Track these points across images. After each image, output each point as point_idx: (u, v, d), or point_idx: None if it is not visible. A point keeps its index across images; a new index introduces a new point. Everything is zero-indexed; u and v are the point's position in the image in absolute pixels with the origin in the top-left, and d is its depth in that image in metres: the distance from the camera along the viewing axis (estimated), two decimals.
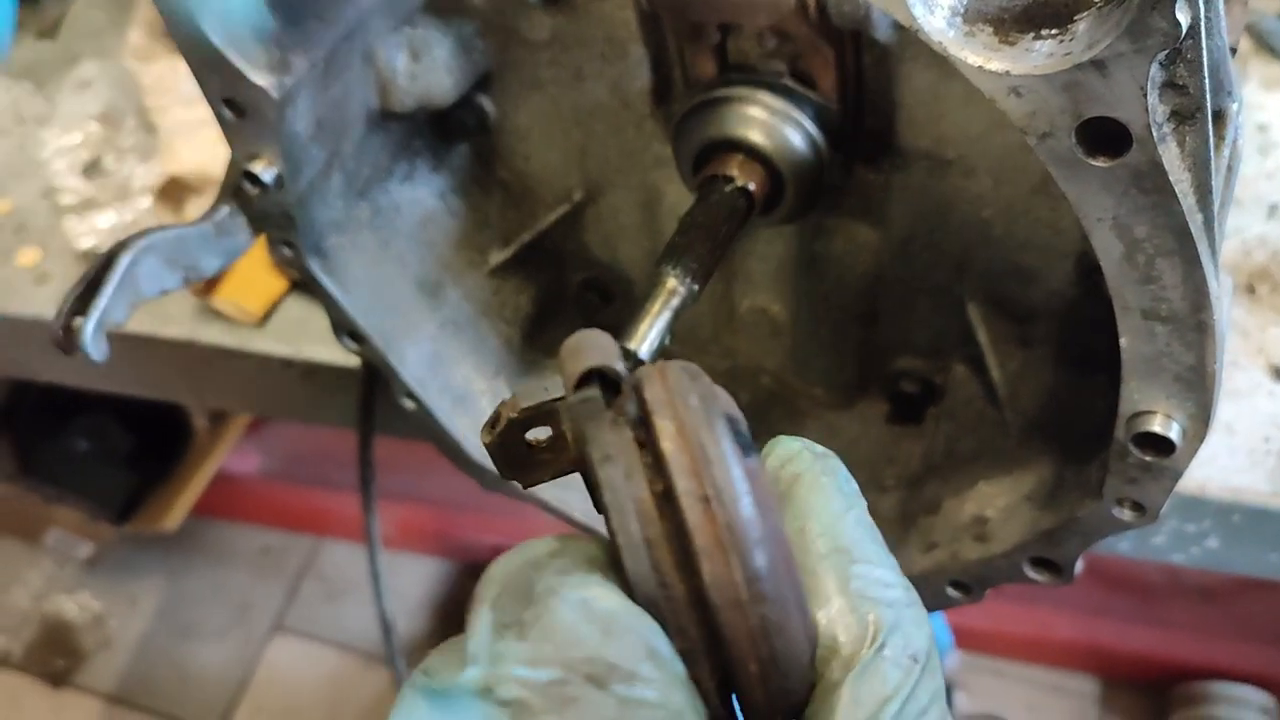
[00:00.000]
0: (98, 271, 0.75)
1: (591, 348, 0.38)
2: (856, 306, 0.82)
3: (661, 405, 0.37)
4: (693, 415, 0.37)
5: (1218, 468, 0.90)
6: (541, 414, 0.43)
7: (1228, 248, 1.00)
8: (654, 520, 0.36)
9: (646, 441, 0.37)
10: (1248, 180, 1.04)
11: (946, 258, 0.76)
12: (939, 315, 0.79)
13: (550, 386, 0.42)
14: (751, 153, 0.71)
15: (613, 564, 0.37)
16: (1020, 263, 0.73)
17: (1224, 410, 0.93)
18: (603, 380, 0.37)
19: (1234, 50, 0.63)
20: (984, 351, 0.77)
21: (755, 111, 0.70)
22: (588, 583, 0.36)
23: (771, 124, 0.70)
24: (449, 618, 2.23)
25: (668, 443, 0.36)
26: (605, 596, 0.35)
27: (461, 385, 0.86)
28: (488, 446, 0.44)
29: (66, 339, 0.74)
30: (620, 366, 0.37)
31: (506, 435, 0.43)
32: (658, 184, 0.81)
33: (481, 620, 0.36)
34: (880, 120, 0.71)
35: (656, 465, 0.37)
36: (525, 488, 0.45)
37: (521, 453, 0.44)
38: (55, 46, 1.32)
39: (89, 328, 0.72)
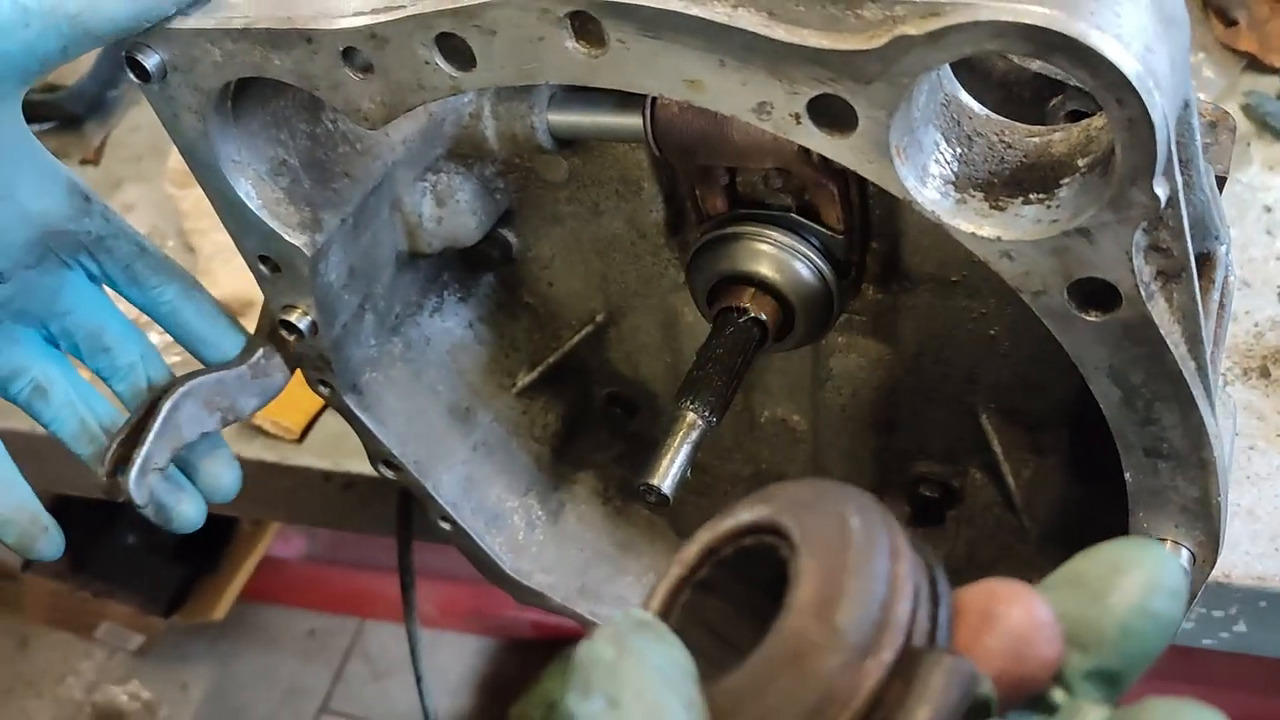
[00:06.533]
0: (140, 418, 0.78)
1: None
2: (873, 416, 0.84)
3: None
4: None
5: (1241, 554, 0.91)
6: None
7: (1239, 331, 1.02)
8: None
9: None
10: (1257, 263, 1.05)
11: (957, 371, 0.78)
12: (954, 424, 0.81)
13: None
14: (763, 286, 0.73)
15: None
16: (1028, 376, 0.75)
17: (1245, 496, 0.94)
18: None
19: (1223, 180, 0.65)
20: (998, 459, 0.79)
21: (764, 247, 0.73)
22: None
23: (780, 258, 0.73)
24: (490, 695, 2.24)
25: None
26: None
27: (494, 505, 0.89)
28: None
29: (111, 485, 0.78)
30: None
31: None
32: (676, 306, 0.84)
33: None
34: (886, 246, 0.74)
35: None
36: None
37: None
38: (98, 171, 1.38)
39: (132, 475, 0.76)
